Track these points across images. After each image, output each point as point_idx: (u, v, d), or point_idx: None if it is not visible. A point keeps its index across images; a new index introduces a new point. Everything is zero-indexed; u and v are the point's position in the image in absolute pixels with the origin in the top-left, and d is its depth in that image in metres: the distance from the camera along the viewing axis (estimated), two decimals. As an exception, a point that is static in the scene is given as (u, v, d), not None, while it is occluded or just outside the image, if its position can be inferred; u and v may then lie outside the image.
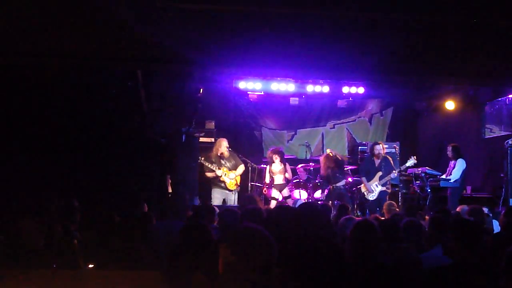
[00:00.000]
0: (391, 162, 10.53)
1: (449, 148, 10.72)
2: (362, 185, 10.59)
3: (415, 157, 10.59)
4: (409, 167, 10.74)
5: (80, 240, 5.01)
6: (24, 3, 5.80)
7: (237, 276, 2.85)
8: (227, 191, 10.33)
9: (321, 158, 10.98)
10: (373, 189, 10.36)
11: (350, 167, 11.80)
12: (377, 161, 10.51)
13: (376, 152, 10.52)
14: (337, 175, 10.73)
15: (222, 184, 10.30)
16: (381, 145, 10.74)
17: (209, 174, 10.30)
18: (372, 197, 10.38)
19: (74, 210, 5.72)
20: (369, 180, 10.44)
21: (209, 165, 10.17)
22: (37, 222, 4.81)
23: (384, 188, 10.38)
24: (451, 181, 10.32)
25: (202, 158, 10.31)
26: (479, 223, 4.44)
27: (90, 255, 4.75)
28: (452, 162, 10.57)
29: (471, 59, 7.10)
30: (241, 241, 2.94)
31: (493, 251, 4.07)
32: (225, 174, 10.25)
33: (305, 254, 2.78)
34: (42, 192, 7.30)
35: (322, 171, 10.90)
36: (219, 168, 10.22)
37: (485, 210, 7.60)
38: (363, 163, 11.09)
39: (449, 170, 10.58)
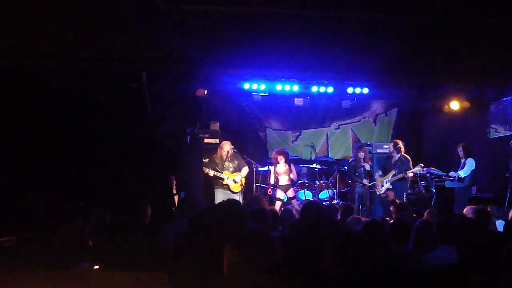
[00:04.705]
0: (409, 163, 10.51)
1: (459, 148, 10.75)
2: (377, 179, 10.67)
3: (422, 164, 10.58)
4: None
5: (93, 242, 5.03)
6: (29, 6, 5.83)
7: (241, 277, 2.85)
8: (230, 192, 10.34)
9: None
10: (383, 185, 10.44)
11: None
12: (395, 158, 10.59)
13: (397, 148, 10.62)
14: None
15: (226, 187, 10.33)
16: (392, 144, 10.86)
17: (211, 173, 10.27)
18: (379, 191, 10.48)
19: (90, 212, 5.75)
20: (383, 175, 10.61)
21: (211, 172, 10.20)
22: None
23: (391, 187, 10.43)
24: (461, 176, 10.28)
25: (206, 162, 10.35)
26: (482, 224, 4.43)
27: (97, 257, 4.76)
28: (463, 161, 10.57)
29: (476, 59, 7.10)
30: (245, 241, 2.94)
31: (495, 252, 4.06)
32: (228, 177, 10.27)
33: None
34: (48, 195, 7.32)
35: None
36: (222, 172, 10.25)
37: (494, 208, 7.59)
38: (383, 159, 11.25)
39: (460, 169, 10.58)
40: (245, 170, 10.53)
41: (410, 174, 10.35)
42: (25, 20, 6.13)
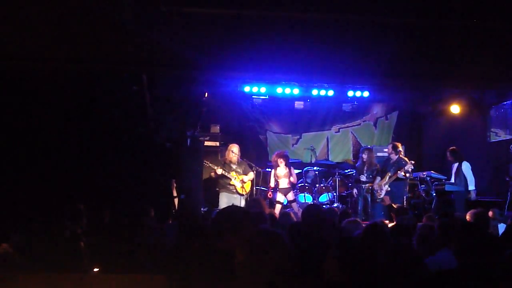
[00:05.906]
0: (401, 164, 10.45)
1: (448, 154, 10.68)
2: (377, 183, 10.59)
3: (413, 162, 10.54)
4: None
5: (86, 244, 5.02)
6: (30, 9, 5.83)
7: (252, 278, 2.84)
8: (235, 196, 10.29)
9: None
10: (382, 188, 10.40)
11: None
12: (392, 160, 10.56)
13: (396, 150, 10.60)
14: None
15: (232, 188, 10.29)
16: (391, 146, 10.84)
17: (218, 171, 10.19)
18: (379, 196, 10.44)
19: (80, 214, 5.73)
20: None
21: (219, 170, 10.13)
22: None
23: (389, 189, 10.40)
24: (470, 187, 10.23)
25: (208, 162, 10.31)
26: (482, 227, 4.42)
27: (96, 259, 4.76)
28: (454, 166, 10.49)
29: (477, 63, 7.09)
30: (256, 243, 2.93)
31: (496, 255, 4.06)
32: (235, 178, 10.22)
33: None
34: (47, 197, 7.31)
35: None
36: (229, 172, 10.21)
37: (496, 212, 7.60)
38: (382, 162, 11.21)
39: (453, 174, 10.49)
40: (251, 175, 10.51)
41: (403, 173, 10.31)
42: (26, 22, 6.13)
